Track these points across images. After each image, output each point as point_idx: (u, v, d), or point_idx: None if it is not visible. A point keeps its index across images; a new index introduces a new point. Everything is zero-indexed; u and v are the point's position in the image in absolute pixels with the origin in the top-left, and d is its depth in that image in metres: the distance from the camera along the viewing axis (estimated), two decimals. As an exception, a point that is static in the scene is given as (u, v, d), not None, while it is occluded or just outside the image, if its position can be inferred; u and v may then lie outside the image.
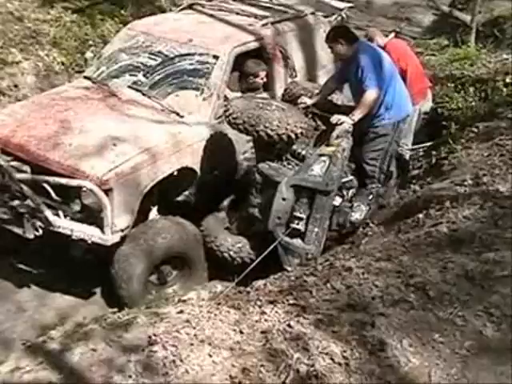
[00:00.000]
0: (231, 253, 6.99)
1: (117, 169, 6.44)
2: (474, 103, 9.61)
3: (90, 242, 6.48)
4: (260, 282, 5.43)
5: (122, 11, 12.35)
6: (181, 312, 4.85)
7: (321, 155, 6.80)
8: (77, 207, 6.51)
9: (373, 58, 7.45)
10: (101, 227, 6.43)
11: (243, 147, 7.74)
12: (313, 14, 9.37)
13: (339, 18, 10.23)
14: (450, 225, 5.67)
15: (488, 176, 6.54)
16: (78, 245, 6.74)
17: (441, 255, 5.14)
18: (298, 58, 8.77)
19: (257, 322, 4.59)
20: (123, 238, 6.64)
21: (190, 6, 9.23)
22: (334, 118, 7.29)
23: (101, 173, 6.35)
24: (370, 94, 7.27)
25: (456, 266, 4.93)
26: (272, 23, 8.61)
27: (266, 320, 4.59)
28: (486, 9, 13.74)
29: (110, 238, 6.48)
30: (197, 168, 7.26)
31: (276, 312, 4.66)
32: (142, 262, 6.68)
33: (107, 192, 6.33)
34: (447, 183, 6.86)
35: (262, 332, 4.46)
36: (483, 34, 12.46)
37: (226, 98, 7.56)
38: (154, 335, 4.42)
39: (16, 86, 9.88)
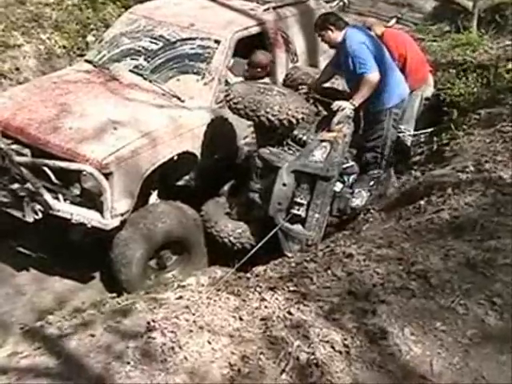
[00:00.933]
0: (231, 238, 6.99)
1: (117, 153, 6.43)
2: (475, 89, 9.55)
3: (89, 226, 6.49)
4: (260, 268, 5.40)
5: (124, -5, 12.25)
6: (180, 298, 4.83)
7: (322, 141, 6.80)
8: (77, 191, 6.51)
9: (363, 44, 7.35)
10: (100, 211, 6.44)
11: (244, 132, 7.73)
12: (314, -2, 9.31)
13: (341, 4, 10.21)
14: (451, 211, 5.63)
15: (490, 163, 6.49)
16: (78, 229, 6.74)
17: (442, 242, 5.11)
18: (299, 43, 8.73)
19: (257, 308, 4.57)
20: (123, 223, 6.65)
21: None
22: (335, 105, 7.25)
23: (101, 156, 6.34)
24: (371, 77, 7.19)
25: (458, 253, 4.90)
26: (274, 8, 8.58)
27: (265, 307, 4.57)
28: (487, -6, 13.68)
29: (109, 222, 6.49)
30: (197, 153, 7.25)
31: (276, 299, 4.63)
32: (141, 246, 6.69)
33: (107, 176, 6.32)
34: (449, 170, 6.80)
35: (262, 319, 4.44)
36: (485, 19, 12.37)
37: (227, 83, 7.54)
38: (153, 321, 4.40)
39: (17, 69, 9.85)
